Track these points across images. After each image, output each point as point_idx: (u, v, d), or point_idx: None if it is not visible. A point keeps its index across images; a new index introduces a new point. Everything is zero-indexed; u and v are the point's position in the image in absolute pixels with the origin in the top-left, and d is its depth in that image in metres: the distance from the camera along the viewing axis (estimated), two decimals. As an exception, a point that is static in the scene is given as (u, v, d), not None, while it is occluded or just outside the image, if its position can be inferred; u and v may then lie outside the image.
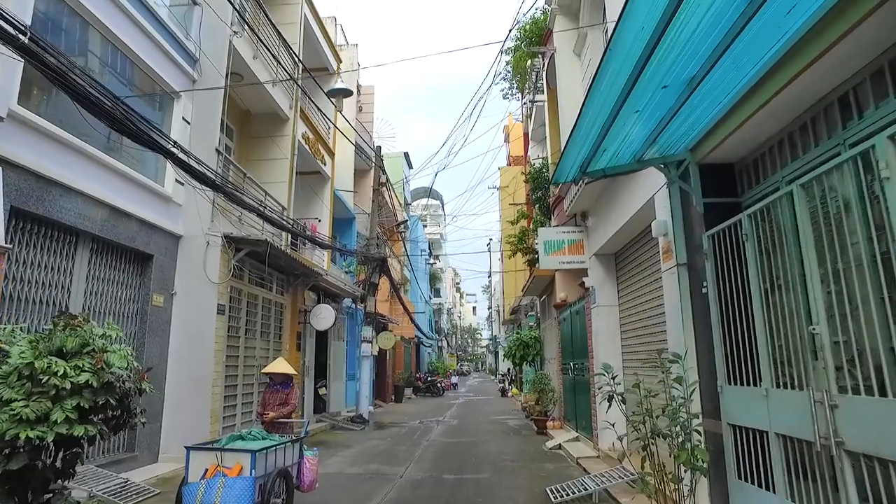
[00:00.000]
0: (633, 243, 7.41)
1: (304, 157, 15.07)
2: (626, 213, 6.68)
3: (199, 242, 9.05)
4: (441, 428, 13.91)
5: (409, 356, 30.84)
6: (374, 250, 16.43)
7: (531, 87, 23.11)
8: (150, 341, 8.07)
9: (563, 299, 12.18)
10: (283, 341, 11.92)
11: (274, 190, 12.53)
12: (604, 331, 8.25)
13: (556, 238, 8.86)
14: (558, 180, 5.16)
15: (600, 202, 7.99)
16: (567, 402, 11.51)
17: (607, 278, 8.43)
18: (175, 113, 9.12)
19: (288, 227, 10.78)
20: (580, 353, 9.87)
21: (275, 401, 6.38)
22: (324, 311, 12.60)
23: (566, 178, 5.11)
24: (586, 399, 9.28)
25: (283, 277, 12.08)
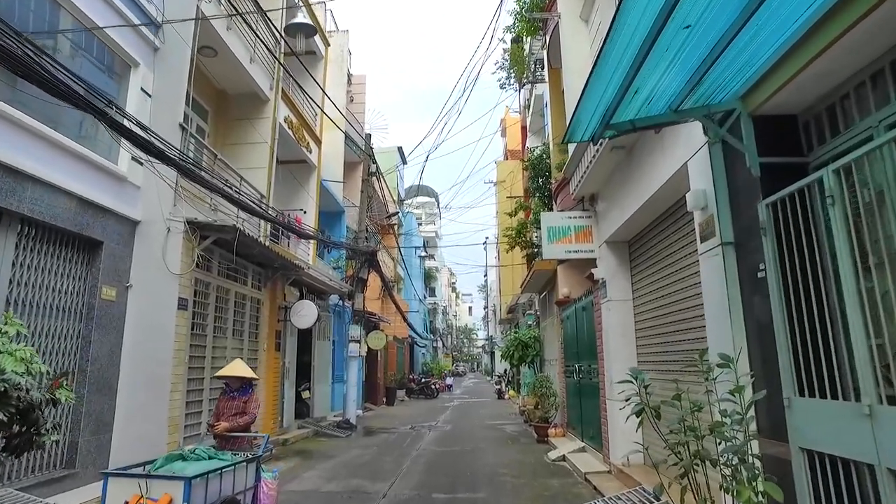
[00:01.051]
0: (655, 225, 6.41)
1: (287, 143, 14.05)
2: (648, 189, 5.69)
3: (159, 229, 8.01)
4: (433, 434, 12.90)
5: (402, 357, 29.82)
6: (364, 244, 15.41)
7: (529, 76, 22.23)
8: (98, 340, 7.02)
9: (565, 295, 11.19)
10: (259, 340, 10.89)
11: (252, 177, 11.53)
12: (616, 328, 7.26)
13: (562, 224, 7.86)
14: (572, 138, 4.16)
15: (613, 182, 7.00)
16: (571, 407, 10.52)
17: (620, 269, 7.44)
18: (132, 83, 8.08)
19: (264, 213, 9.75)
20: (587, 353, 8.88)
21: (230, 410, 5.36)
22: (305, 307, 11.57)
23: (582, 136, 4.11)
24: (595, 405, 8.29)
25: (259, 271, 11.05)
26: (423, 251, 25.76)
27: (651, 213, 6.26)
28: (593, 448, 8.46)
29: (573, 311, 10.03)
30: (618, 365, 7.16)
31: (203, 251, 8.59)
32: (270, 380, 11.15)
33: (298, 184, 15.67)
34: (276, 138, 12.61)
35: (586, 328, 8.87)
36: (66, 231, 6.65)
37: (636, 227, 6.85)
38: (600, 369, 7.93)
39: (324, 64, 17.42)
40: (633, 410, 3.77)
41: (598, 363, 7.99)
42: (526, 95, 24.90)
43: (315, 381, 13.78)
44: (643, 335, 7.03)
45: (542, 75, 21.33)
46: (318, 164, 16.07)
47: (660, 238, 6.34)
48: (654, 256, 6.59)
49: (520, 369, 24.14)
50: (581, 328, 9.32)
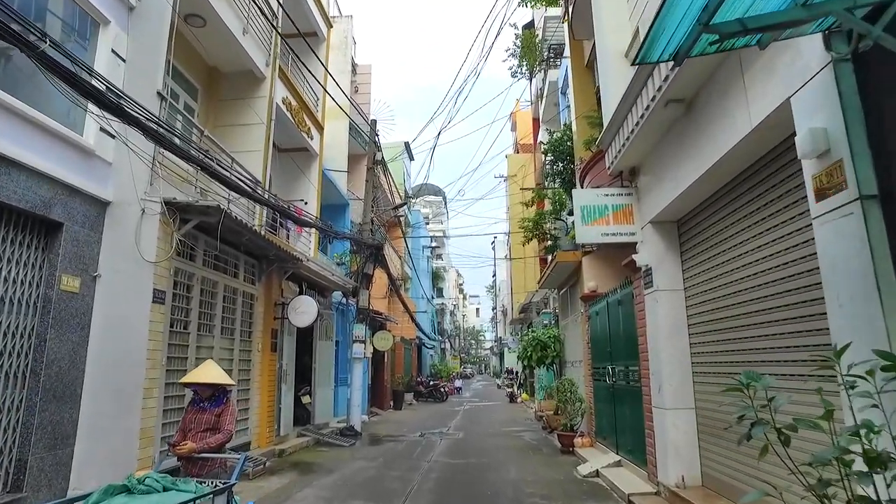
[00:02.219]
0: (721, 196, 5.28)
1: (286, 127, 13.01)
2: (716, 149, 4.58)
3: (133, 211, 6.97)
4: (445, 443, 11.79)
5: (409, 358, 28.72)
6: (369, 236, 14.33)
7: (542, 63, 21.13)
8: (55, 338, 5.96)
9: (592, 290, 10.07)
10: (252, 340, 9.82)
11: (246, 160, 10.48)
12: (664, 324, 6.14)
13: (597, 202, 6.74)
14: (647, 58, 3.04)
15: (663, 150, 5.89)
16: (600, 414, 9.38)
17: (668, 254, 6.32)
18: (101, 43, 7.03)
19: (257, 195, 8.68)
20: (624, 353, 7.75)
21: (199, 425, 4.28)
22: (304, 304, 10.50)
23: (661, 54, 2.98)
24: (635, 413, 7.16)
25: (253, 263, 9.99)
26: (431, 243, 24.40)
27: (715, 181, 5.14)
28: (633, 463, 7.32)
29: (604, 307, 8.91)
30: (668, 367, 6.03)
31: (185, 237, 7.54)
32: (265, 384, 10.09)
33: (300, 172, 14.65)
34: (273, 119, 11.56)
35: (623, 324, 7.75)
36: (14, 209, 5.61)
37: (691, 202, 5.73)
38: (642, 371, 6.80)
39: (325, 46, 16.39)
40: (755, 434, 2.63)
41: (640, 364, 6.86)
42: (538, 85, 23.83)
43: (316, 385, 12.72)
44: (699, 331, 5.90)
45: (556, 62, 20.26)
46: (319, 152, 15.04)
47: (728, 211, 5.21)
48: (717, 235, 5.46)
49: (533, 371, 22.99)
50: (615, 325, 8.20)
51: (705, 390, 5.73)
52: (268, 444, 9.92)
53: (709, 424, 5.64)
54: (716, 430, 5.48)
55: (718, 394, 5.44)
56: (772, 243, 4.51)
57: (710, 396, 5.61)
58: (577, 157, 10.48)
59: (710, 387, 5.63)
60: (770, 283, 4.55)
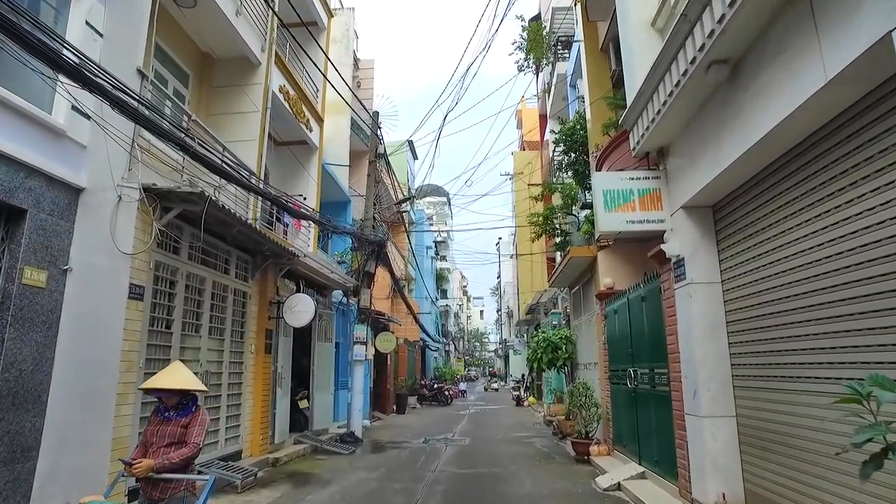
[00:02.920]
0: (770, 174, 4.60)
1: (284, 118, 12.41)
2: (773, 112, 3.90)
3: (109, 198, 6.33)
4: (451, 450, 11.10)
5: (413, 361, 28.05)
6: (370, 233, 13.68)
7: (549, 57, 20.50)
8: (16, 337, 5.31)
9: (609, 286, 9.39)
10: (245, 341, 9.17)
11: (240, 151, 9.89)
12: (699, 321, 5.45)
13: (621, 186, 6.06)
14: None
15: (698, 126, 5.21)
16: (619, 421, 8.69)
17: (703, 243, 5.63)
18: (73, 14, 6.40)
19: (249, 184, 8.03)
20: (648, 354, 7.06)
21: (162, 439, 3.61)
22: (301, 302, 9.84)
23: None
24: (663, 420, 6.47)
25: (246, 258, 9.34)
26: (437, 237, 23.56)
27: (763, 157, 4.46)
28: (660, 476, 6.62)
29: (623, 304, 8.22)
30: (705, 370, 5.34)
31: (167, 228, 6.89)
32: (259, 388, 9.43)
33: (299, 166, 14.04)
34: (269, 108, 10.94)
35: (647, 323, 7.06)
36: (-36, 191, 4.98)
37: (732, 183, 5.04)
38: (672, 374, 6.11)
39: (326, 36, 15.77)
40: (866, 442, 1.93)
41: (669, 367, 6.17)
42: (545, 79, 23.17)
43: (315, 389, 12.05)
44: (740, 329, 5.21)
45: (565, 53, 19.59)
46: (319, 146, 14.43)
47: (776, 192, 4.53)
48: (761, 220, 4.78)
49: (541, 374, 22.29)
50: (637, 323, 7.51)
51: (749, 396, 5.04)
52: (261, 452, 9.25)
53: (753, 435, 4.94)
54: (763, 442, 4.79)
55: (765, 400, 4.76)
56: (834, 226, 3.84)
57: (755, 403, 4.93)
58: (592, 144, 9.82)
59: (755, 392, 4.94)
60: (832, 273, 3.87)
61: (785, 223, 4.46)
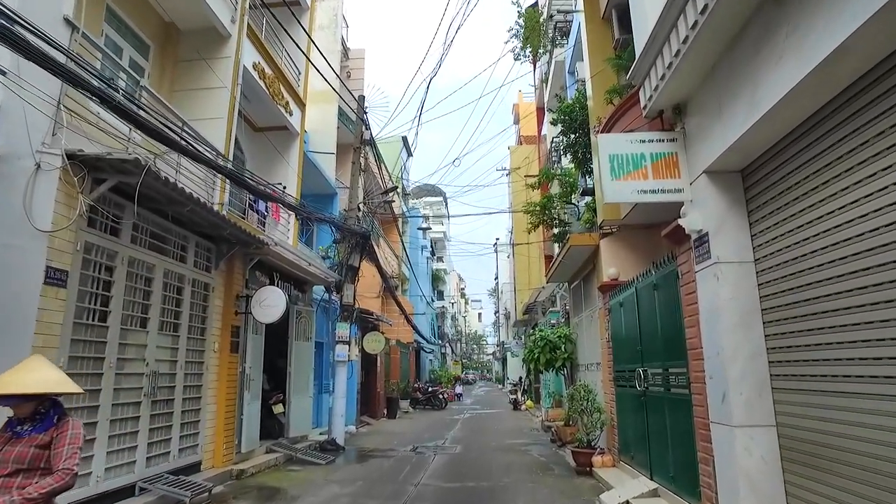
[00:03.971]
0: (818, 124, 3.64)
1: (260, 98, 11.47)
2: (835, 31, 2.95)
3: (26, 167, 5.35)
4: (440, 459, 10.12)
5: (406, 363, 27.02)
6: (355, 224, 12.71)
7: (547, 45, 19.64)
8: None
9: (613, 277, 8.44)
10: (206, 338, 8.19)
11: (207, 129, 8.97)
12: (729, 309, 4.48)
13: (631, 150, 5.10)
14: None
15: (727, 69, 4.26)
16: (626, 428, 7.71)
17: (731, 214, 4.67)
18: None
19: (207, 158, 7.05)
20: (661, 352, 6.09)
21: (5, 464, 2.62)
22: (271, 296, 8.86)
23: None
24: (681, 429, 5.49)
25: (208, 245, 8.36)
26: (426, 223, 22.41)
27: (814, 98, 3.51)
28: (677, 494, 5.64)
29: (631, 296, 7.25)
30: (736, 369, 4.37)
31: (102, 204, 5.92)
32: (223, 391, 8.44)
33: (280, 154, 13.10)
34: (240, 84, 10.01)
35: (661, 315, 6.08)
36: None
37: (771, 135, 4.08)
38: (692, 374, 5.14)
39: (309, 17, 14.83)
40: None
41: (689, 365, 5.20)
42: (543, 69, 22.25)
43: (292, 392, 11.06)
44: (780, 318, 4.23)
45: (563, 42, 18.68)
46: (300, 131, 13.48)
47: (826, 144, 3.57)
48: (805, 182, 3.81)
49: (538, 376, 21.29)
50: (648, 316, 6.53)
51: (792, 401, 4.07)
52: (224, 463, 8.26)
53: (800, 449, 3.97)
54: (812, 458, 3.82)
55: (814, 406, 3.80)
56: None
57: (801, 410, 3.96)
58: (593, 119, 8.87)
59: (801, 396, 3.97)
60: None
61: (839, 182, 3.51)
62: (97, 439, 5.71)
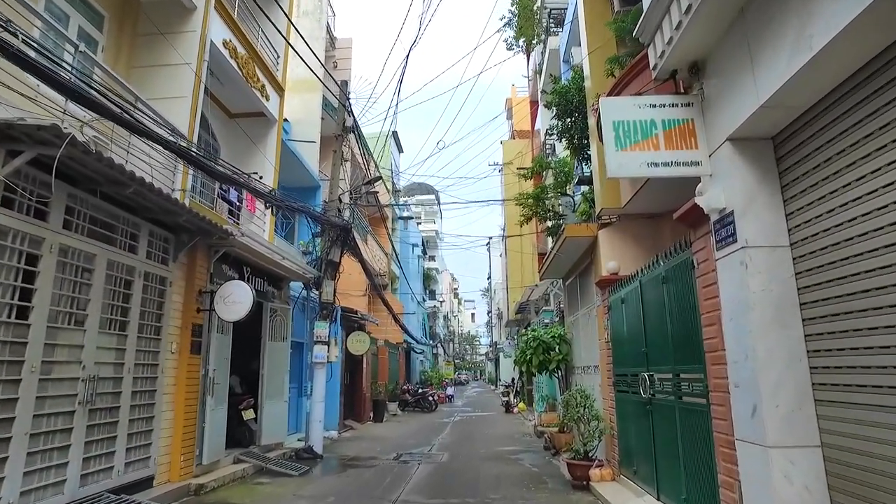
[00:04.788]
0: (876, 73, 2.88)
1: (232, 80, 10.65)
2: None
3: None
4: (424, 470, 9.32)
5: (395, 364, 26.21)
6: (336, 216, 11.89)
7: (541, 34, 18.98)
8: None
9: (612, 272, 7.67)
10: (163, 337, 7.35)
11: (169, 109, 8.18)
12: (760, 303, 3.70)
13: (640, 116, 4.32)
14: None
15: (760, 11, 3.48)
16: (627, 437, 6.93)
17: (761, 190, 3.89)
18: None
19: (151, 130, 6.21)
20: (670, 354, 5.30)
21: None
22: (235, 291, 8.02)
23: None
24: (697, 444, 4.72)
25: (164, 235, 7.52)
26: (405, 211, 21.44)
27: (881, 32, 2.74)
28: (689, 519, 4.86)
29: (634, 291, 6.47)
30: (771, 374, 3.59)
31: (24, 183, 5.08)
32: (181, 396, 7.60)
33: (259, 142, 12.29)
34: (207, 61, 9.18)
35: (671, 311, 5.30)
36: None
37: (820, 88, 3.31)
38: (711, 381, 4.36)
39: None
40: None
41: (707, 370, 4.41)
42: (537, 59, 21.50)
43: (265, 396, 10.21)
44: (825, 313, 3.46)
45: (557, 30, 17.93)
46: (279, 118, 12.66)
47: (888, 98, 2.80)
48: (860, 147, 3.04)
49: (531, 378, 20.52)
50: (655, 313, 5.75)
51: (843, 417, 3.30)
52: (182, 477, 7.43)
53: (854, 477, 3.20)
54: (871, 490, 3.04)
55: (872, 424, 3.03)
56: None
57: (855, 428, 3.19)
58: (591, 98, 8.10)
59: (853, 411, 3.20)
60: None
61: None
62: (10, 458, 4.85)
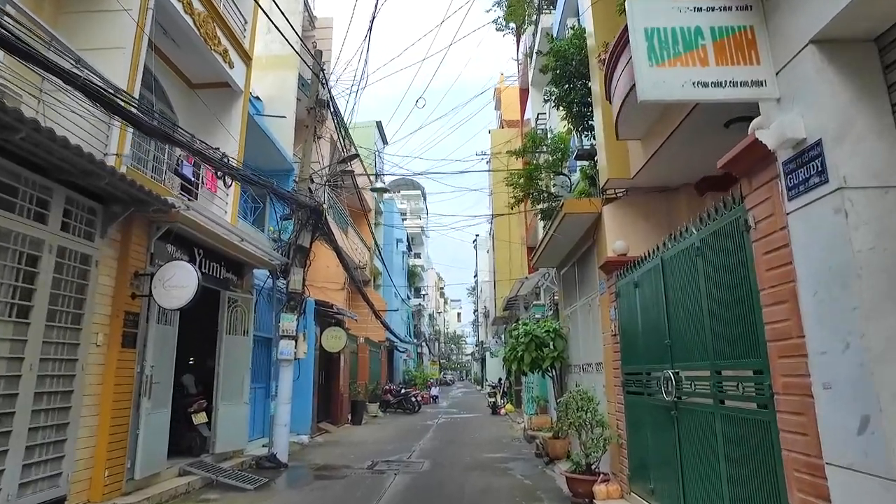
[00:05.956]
0: None
1: (188, 39, 9.42)
2: None
3: None
4: (401, 483, 8.14)
5: (377, 363, 24.98)
6: (307, 197, 10.67)
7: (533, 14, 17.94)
8: None
9: (620, 253, 6.57)
10: (83, 327, 6.09)
11: (105, 61, 6.97)
12: (868, 266, 2.59)
13: (680, 22, 3.18)
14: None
15: None
16: (639, 447, 5.80)
17: (861, 111, 2.78)
18: None
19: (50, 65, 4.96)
20: (706, 345, 4.16)
21: None
22: (178, 273, 6.75)
23: None
24: (755, 465, 3.58)
25: (88, 204, 6.25)
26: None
27: None
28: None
29: (653, 271, 5.33)
30: (889, 370, 2.46)
31: None
32: (108, 397, 6.35)
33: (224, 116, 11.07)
34: (151, 9, 7.93)
35: (709, 290, 4.14)
36: None
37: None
38: (779, 380, 3.22)
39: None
40: None
41: (771, 365, 3.28)
42: (528, 42, 20.42)
43: (221, 398, 8.96)
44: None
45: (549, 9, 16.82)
46: (245, 89, 11.41)
47: None
48: None
49: (520, 378, 19.42)
50: (684, 295, 4.62)
51: None
52: (107, 495, 6.18)
53: None
54: None
55: None
56: None
57: None
58: (594, 59, 6.99)
59: None
60: None
61: None
62: None
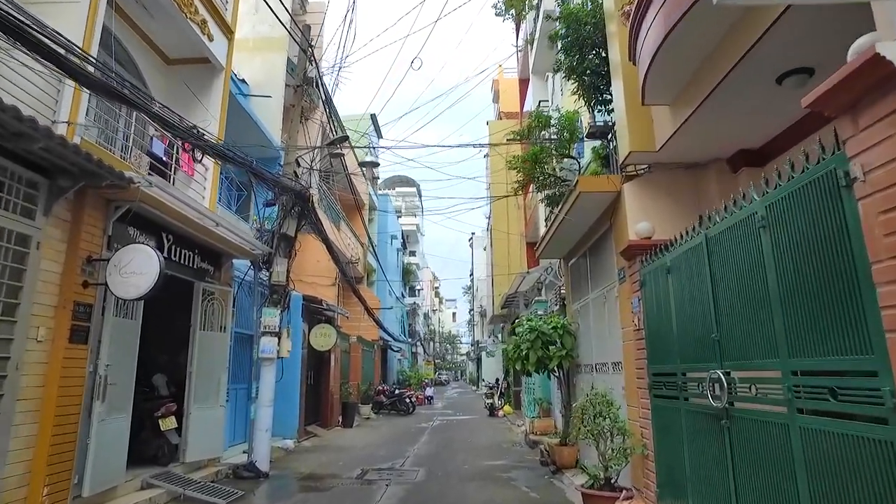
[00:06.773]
0: None
1: (161, 8, 8.54)
2: None
3: None
4: (393, 495, 7.28)
5: (370, 363, 24.08)
6: (292, 181, 9.78)
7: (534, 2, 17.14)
8: None
9: (644, 236, 5.74)
10: (19, 319, 5.19)
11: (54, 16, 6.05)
12: None
13: None
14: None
15: None
16: (673, 461, 4.95)
17: None
18: None
19: None
20: (778, 339, 3.30)
21: None
22: (136, 258, 5.85)
23: None
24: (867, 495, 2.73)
25: (30, 177, 5.35)
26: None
27: None
28: None
29: (693, 251, 4.48)
30: None
31: None
32: (51, 400, 5.45)
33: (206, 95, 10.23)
34: (113, -37, 7.04)
35: (788, 269, 3.28)
36: None
37: None
38: None
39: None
40: None
41: (892, 364, 2.44)
42: (528, 28, 19.59)
43: (193, 400, 8.06)
44: None
45: (553, -8, 15.97)
46: (226, 66, 10.53)
47: None
48: None
49: (519, 379, 18.58)
50: (739, 280, 3.76)
51: None
52: (48, 515, 5.28)
53: None
54: None
55: None
56: None
57: None
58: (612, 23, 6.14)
59: None
60: None
61: None
62: None
